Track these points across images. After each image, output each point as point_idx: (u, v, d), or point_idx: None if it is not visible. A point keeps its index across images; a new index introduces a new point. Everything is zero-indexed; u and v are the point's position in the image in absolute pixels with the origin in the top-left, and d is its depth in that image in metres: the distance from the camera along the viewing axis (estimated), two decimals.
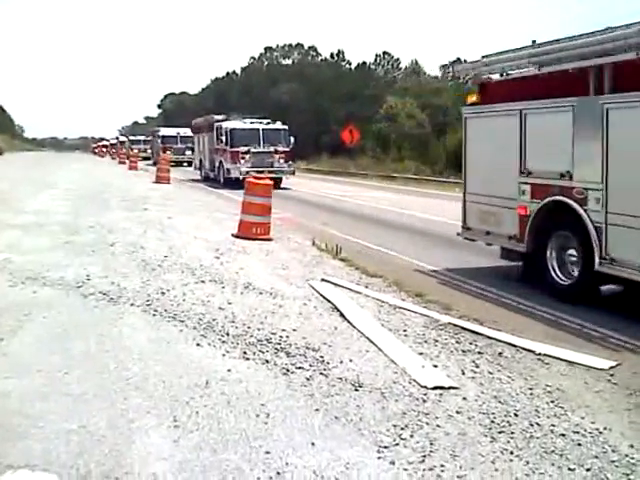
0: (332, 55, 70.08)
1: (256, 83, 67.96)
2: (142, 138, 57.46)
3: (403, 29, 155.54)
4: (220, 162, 26.31)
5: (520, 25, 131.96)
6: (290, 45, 74.15)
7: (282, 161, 25.33)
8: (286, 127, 26.49)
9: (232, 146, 25.05)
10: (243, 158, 24.69)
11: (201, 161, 30.91)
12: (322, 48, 73.30)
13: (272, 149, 25.18)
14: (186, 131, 43.84)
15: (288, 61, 73.64)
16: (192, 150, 43.26)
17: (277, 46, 74.92)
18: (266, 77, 68.90)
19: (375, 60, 68.27)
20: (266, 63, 74.67)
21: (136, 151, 48.13)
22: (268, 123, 26.25)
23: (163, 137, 43.92)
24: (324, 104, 58.33)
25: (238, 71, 78.46)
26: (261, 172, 22.56)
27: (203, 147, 30.33)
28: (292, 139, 26.11)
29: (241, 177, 22.79)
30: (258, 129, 25.61)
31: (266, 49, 75.41)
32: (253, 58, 76.60)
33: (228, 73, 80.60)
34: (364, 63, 67.34)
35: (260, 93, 62.50)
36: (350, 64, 69.05)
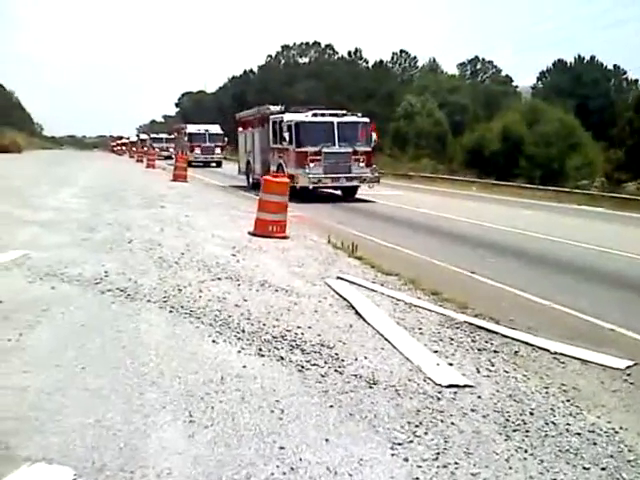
0: (349, 53, 70.29)
1: (273, 81, 68.18)
2: (164, 136, 54.71)
3: (420, 27, 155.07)
4: (279, 166, 20.21)
5: (538, 24, 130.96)
6: (307, 43, 74.45)
7: (363, 164, 19.47)
8: (367, 120, 20.28)
9: (298, 145, 19.11)
10: (313, 161, 18.84)
11: (248, 164, 24.31)
12: (339, 46, 73.86)
13: (350, 149, 19.31)
14: (215, 128, 42.07)
15: (305, 59, 73.91)
16: (222, 149, 42.29)
17: (294, 44, 75.32)
18: (283, 75, 69.11)
19: (392, 58, 68.42)
20: (283, 61, 74.97)
21: (157, 149, 47.82)
22: (344, 115, 20.03)
23: (190, 135, 41.02)
24: (341, 102, 58.33)
25: (255, 69, 78.84)
26: (336, 179, 19.08)
27: (252, 147, 23.86)
28: (374, 135, 19.98)
29: (311, 187, 18.60)
30: (332, 122, 19.36)
31: (283, 47, 75.81)
32: (270, 56, 77.03)
33: (245, 71, 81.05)
34: (381, 61, 67.44)
35: (277, 91, 62.66)
36: (367, 62, 69.27)
